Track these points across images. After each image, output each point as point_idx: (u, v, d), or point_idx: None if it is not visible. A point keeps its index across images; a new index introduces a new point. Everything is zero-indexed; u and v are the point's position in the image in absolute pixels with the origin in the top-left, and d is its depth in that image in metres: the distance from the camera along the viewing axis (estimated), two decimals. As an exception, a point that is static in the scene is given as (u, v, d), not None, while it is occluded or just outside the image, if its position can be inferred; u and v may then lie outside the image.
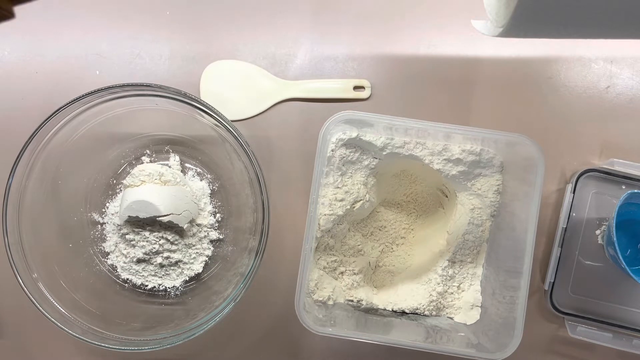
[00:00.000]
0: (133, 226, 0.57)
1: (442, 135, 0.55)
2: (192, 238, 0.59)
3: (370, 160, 0.58)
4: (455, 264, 0.59)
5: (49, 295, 0.54)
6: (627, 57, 0.62)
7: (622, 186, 0.59)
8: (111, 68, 0.62)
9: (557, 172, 0.60)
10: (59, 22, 0.62)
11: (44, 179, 0.56)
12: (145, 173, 0.56)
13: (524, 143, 0.52)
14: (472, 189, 0.57)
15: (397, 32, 0.62)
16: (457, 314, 0.58)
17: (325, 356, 0.60)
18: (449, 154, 0.55)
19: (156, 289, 0.59)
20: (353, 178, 0.58)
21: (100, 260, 0.60)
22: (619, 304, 0.59)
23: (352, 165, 0.57)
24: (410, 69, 0.61)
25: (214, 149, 0.60)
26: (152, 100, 0.55)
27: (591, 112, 0.61)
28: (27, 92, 0.61)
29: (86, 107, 0.54)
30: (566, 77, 0.61)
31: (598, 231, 0.59)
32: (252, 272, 0.52)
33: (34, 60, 0.62)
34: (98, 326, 0.54)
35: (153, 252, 0.57)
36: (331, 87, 0.61)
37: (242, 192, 0.58)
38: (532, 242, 0.51)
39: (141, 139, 0.60)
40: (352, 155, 0.57)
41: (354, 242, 0.60)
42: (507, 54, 0.61)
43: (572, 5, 0.37)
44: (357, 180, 0.58)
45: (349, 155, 0.56)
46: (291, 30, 0.62)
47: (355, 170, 0.58)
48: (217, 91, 0.61)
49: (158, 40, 0.62)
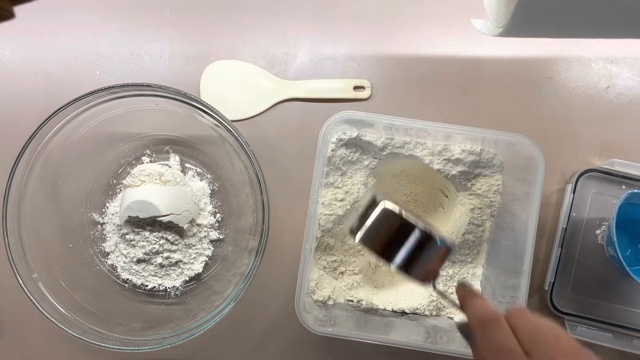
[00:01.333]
0: (133, 226, 0.57)
1: (442, 135, 0.55)
2: (192, 238, 0.59)
3: (371, 160, 0.58)
4: (455, 264, 0.59)
5: (49, 296, 0.54)
6: (627, 57, 0.62)
7: (622, 186, 0.59)
8: (111, 68, 0.62)
9: (557, 172, 0.60)
10: (59, 22, 0.62)
11: (44, 179, 0.56)
12: (145, 173, 0.56)
13: (524, 143, 0.52)
14: (472, 189, 0.57)
15: (397, 32, 0.62)
16: (457, 314, 0.58)
17: (325, 356, 0.60)
18: (449, 154, 0.55)
19: (156, 289, 0.59)
20: (353, 178, 0.58)
21: (100, 260, 0.60)
22: (619, 304, 0.59)
23: (352, 165, 0.57)
24: (410, 69, 0.61)
25: (214, 149, 0.60)
26: (152, 100, 0.55)
27: (591, 112, 0.61)
28: (27, 92, 0.61)
29: (86, 107, 0.54)
30: (566, 77, 0.61)
31: (598, 231, 0.59)
32: (252, 272, 0.52)
33: (34, 60, 0.62)
34: (98, 326, 0.54)
35: (153, 252, 0.57)
36: (331, 87, 0.61)
37: (242, 192, 0.58)
38: (532, 242, 0.51)
39: (141, 139, 0.60)
40: (352, 156, 0.57)
41: (354, 242, 0.59)
42: (507, 54, 0.61)
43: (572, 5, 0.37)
44: (357, 180, 0.58)
45: (349, 155, 0.56)
46: (291, 30, 0.62)
47: (355, 170, 0.58)
48: (217, 91, 0.61)
49: (158, 40, 0.62)
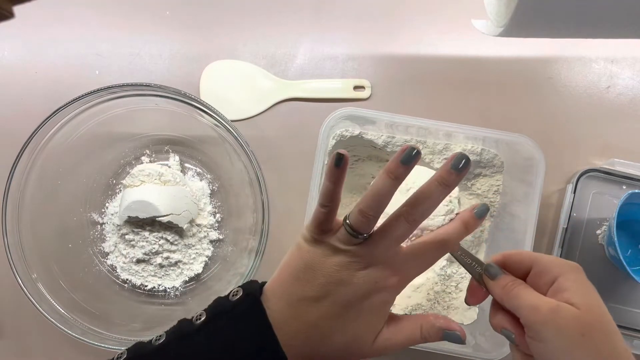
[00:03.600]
0: (133, 226, 0.57)
1: (443, 135, 0.55)
2: (192, 238, 0.59)
3: (371, 158, 0.58)
4: (453, 264, 0.58)
5: (48, 296, 0.54)
6: (627, 57, 0.62)
7: (623, 186, 0.59)
8: (111, 68, 0.62)
9: (558, 172, 0.60)
10: (59, 22, 0.62)
11: (44, 179, 0.56)
12: (145, 173, 0.56)
13: (525, 143, 0.52)
14: (472, 189, 0.57)
15: (397, 32, 0.62)
16: (455, 313, 0.58)
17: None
18: (450, 154, 0.55)
19: (156, 289, 0.59)
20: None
21: (100, 260, 0.60)
22: (619, 304, 0.58)
23: (353, 164, 0.57)
24: (410, 69, 0.61)
25: (214, 149, 0.60)
26: (152, 100, 0.55)
27: (592, 112, 0.61)
28: (27, 92, 0.61)
29: (86, 107, 0.54)
30: (567, 77, 0.61)
31: (599, 231, 0.59)
32: (251, 272, 0.52)
33: (34, 60, 0.62)
34: (97, 326, 0.54)
35: (153, 252, 0.57)
36: (331, 87, 0.61)
37: (242, 192, 0.58)
38: (531, 244, 0.51)
39: (141, 139, 0.60)
40: (353, 151, 0.56)
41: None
42: (507, 54, 0.61)
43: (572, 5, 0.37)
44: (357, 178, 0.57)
45: (349, 152, 0.56)
46: (291, 30, 0.62)
47: (356, 168, 0.58)
48: (217, 91, 0.61)
49: (158, 40, 0.62)
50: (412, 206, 0.36)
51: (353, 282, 0.35)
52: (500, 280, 0.36)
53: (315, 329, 0.35)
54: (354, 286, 0.35)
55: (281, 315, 0.35)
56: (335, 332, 0.36)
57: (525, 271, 0.37)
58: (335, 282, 0.35)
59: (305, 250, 0.37)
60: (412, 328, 0.37)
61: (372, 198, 0.35)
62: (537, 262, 0.36)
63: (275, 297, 0.36)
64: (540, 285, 0.35)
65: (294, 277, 0.36)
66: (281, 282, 0.37)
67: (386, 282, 0.36)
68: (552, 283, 0.35)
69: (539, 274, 0.35)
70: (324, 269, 0.36)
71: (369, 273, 0.36)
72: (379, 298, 0.36)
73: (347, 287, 0.35)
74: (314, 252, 0.36)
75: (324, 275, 0.35)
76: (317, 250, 0.36)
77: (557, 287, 0.34)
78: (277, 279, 0.37)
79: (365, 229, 0.35)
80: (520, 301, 0.34)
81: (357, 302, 0.36)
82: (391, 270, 0.36)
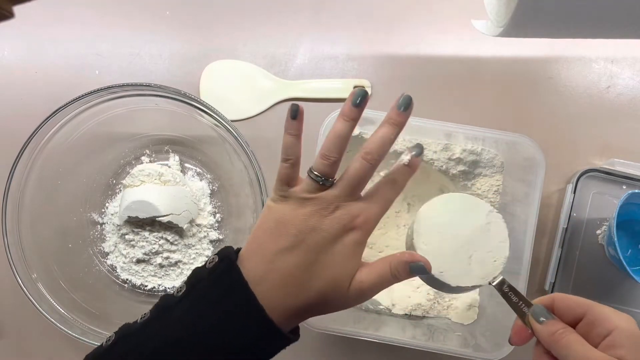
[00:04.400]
0: (132, 226, 0.57)
1: (443, 134, 0.55)
2: (192, 238, 0.59)
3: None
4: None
5: (48, 296, 0.54)
6: (627, 57, 0.61)
7: (623, 186, 0.59)
8: (111, 68, 0.62)
9: (558, 172, 0.60)
10: (59, 22, 0.62)
11: (44, 179, 0.56)
12: (145, 173, 0.56)
13: (525, 143, 0.52)
14: (472, 189, 0.57)
15: (397, 32, 0.62)
16: (455, 314, 0.58)
17: (322, 353, 0.60)
18: (450, 153, 0.55)
19: (156, 290, 0.59)
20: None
21: (100, 260, 0.60)
22: (619, 304, 0.58)
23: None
24: (410, 69, 0.61)
25: (214, 149, 0.60)
26: (152, 100, 0.55)
27: (592, 112, 0.61)
28: (27, 92, 0.61)
29: (86, 107, 0.54)
30: (567, 77, 0.61)
31: (599, 231, 0.59)
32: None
33: (33, 60, 0.62)
34: (98, 326, 0.54)
35: (153, 252, 0.57)
36: (331, 87, 0.61)
37: (242, 192, 0.58)
38: (530, 244, 0.51)
39: (141, 139, 0.60)
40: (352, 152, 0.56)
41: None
42: (507, 54, 0.61)
43: (572, 5, 0.37)
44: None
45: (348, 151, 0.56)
46: (291, 30, 0.62)
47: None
48: (217, 91, 0.61)
49: (158, 40, 0.62)
50: (369, 148, 0.38)
51: (323, 227, 0.37)
52: (550, 326, 0.34)
53: (292, 278, 0.36)
54: (324, 231, 0.37)
55: (257, 272, 0.36)
56: (312, 279, 0.37)
57: (575, 317, 0.35)
58: (306, 230, 0.37)
59: (275, 208, 0.38)
60: (382, 267, 0.38)
61: (332, 141, 0.37)
62: (591, 311, 0.34)
63: (250, 256, 0.37)
64: (592, 336, 0.34)
65: (267, 234, 0.37)
66: (255, 241, 0.38)
67: (354, 223, 0.37)
68: (605, 336, 0.33)
69: (592, 324, 0.34)
70: (294, 220, 0.37)
71: (337, 215, 0.37)
72: (350, 238, 0.37)
73: (318, 232, 0.37)
74: (283, 208, 0.38)
75: (295, 226, 0.37)
76: (286, 205, 0.38)
77: (611, 342, 0.33)
78: (251, 240, 0.38)
79: (329, 172, 0.37)
80: (570, 352, 0.33)
81: (330, 246, 0.37)
82: (357, 210, 0.38)
